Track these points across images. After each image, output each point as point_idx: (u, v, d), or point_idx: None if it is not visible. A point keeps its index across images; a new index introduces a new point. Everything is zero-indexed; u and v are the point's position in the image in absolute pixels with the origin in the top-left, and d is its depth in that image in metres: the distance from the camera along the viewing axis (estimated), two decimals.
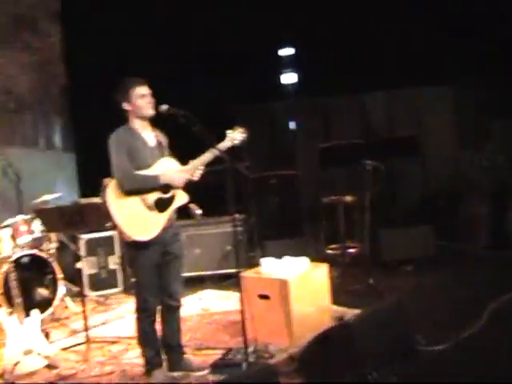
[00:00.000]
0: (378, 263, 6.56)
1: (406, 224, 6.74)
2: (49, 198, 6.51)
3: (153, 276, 4.22)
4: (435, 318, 4.95)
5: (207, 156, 4.19)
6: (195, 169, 4.23)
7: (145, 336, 4.33)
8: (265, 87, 8.55)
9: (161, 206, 4.16)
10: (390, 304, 4.33)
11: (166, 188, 4.16)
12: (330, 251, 6.80)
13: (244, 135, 4.36)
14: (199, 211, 7.09)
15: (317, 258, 5.83)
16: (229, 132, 4.33)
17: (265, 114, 8.32)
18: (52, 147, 9.81)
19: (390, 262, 6.56)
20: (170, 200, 4.21)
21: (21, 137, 9.44)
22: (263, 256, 5.69)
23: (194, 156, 4.23)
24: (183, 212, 6.66)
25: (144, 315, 4.29)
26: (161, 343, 4.42)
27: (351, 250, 6.70)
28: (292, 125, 8.53)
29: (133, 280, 4.60)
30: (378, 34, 7.36)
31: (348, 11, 7.66)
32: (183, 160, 4.30)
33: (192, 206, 7.13)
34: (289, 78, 9.10)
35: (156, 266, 4.22)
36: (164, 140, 4.36)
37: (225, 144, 4.27)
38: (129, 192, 4.05)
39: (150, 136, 4.27)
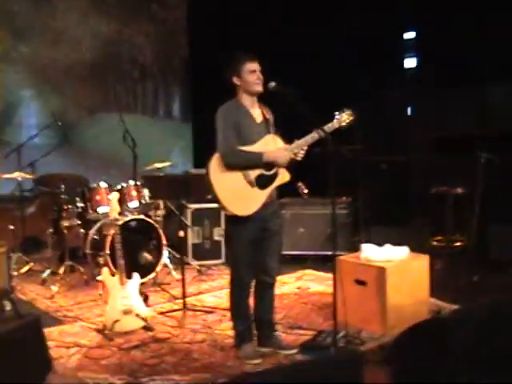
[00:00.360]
0: (486, 260, 6.29)
1: None
2: (160, 165, 6.71)
3: (249, 251, 4.25)
4: None
5: (312, 136, 4.15)
6: (299, 148, 4.20)
7: (237, 309, 4.39)
8: (386, 71, 8.37)
9: (262, 182, 4.16)
10: (491, 304, 4.15)
11: (269, 165, 4.17)
12: (435, 243, 6.60)
13: (352, 118, 4.28)
14: (306, 190, 7.11)
15: (421, 248, 5.67)
16: (336, 114, 4.26)
17: (382, 98, 8.12)
18: (171, 116, 10.12)
19: (498, 261, 6.26)
20: (272, 177, 4.21)
21: (142, 105, 9.82)
22: (367, 241, 5.59)
23: (299, 135, 4.20)
24: (291, 190, 6.74)
25: (238, 289, 4.34)
26: (253, 318, 4.47)
27: (457, 244, 6.47)
28: (409, 111, 8.30)
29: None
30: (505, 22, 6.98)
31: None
32: (288, 138, 4.29)
33: (300, 184, 7.15)
34: (410, 62, 8.84)
35: (253, 241, 4.24)
36: (270, 117, 4.36)
37: (331, 125, 4.21)
38: (231, 167, 4.08)
39: (257, 112, 4.28)
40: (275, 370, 3.49)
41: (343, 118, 4.26)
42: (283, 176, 4.26)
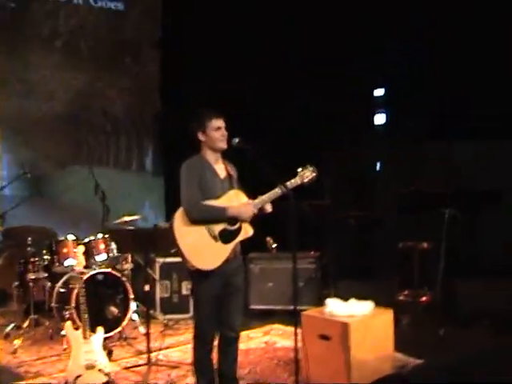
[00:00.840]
0: (453, 314, 6.35)
1: (485, 276, 6.51)
2: (129, 218, 6.74)
3: (212, 306, 4.27)
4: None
5: (275, 192, 4.23)
6: (263, 204, 4.28)
7: (200, 364, 4.38)
8: (357, 127, 8.58)
9: (226, 237, 4.21)
10: (450, 360, 4.21)
11: (233, 220, 4.23)
12: (402, 297, 6.66)
13: (314, 174, 4.37)
14: (274, 245, 7.19)
15: (388, 302, 5.73)
16: (299, 170, 4.36)
17: (352, 153, 8.31)
18: (143, 170, 10.19)
19: (466, 315, 6.32)
20: (236, 232, 4.26)
21: (114, 158, 9.88)
22: (336, 295, 5.64)
23: (262, 190, 4.28)
24: (260, 244, 6.80)
25: (200, 344, 4.34)
26: (216, 373, 4.46)
27: (424, 298, 6.53)
28: (378, 166, 8.48)
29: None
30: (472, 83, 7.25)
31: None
32: (253, 193, 4.36)
33: (268, 239, 7.24)
34: (380, 118, 9.07)
35: (217, 296, 4.27)
36: (234, 172, 4.44)
37: (293, 182, 4.30)
38: (195, 221, 4.14)
39: (221, 168, 4.36)
40: None
41: (306, 174, 4.35)
42: (246, 231, 4.30)
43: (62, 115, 9.32)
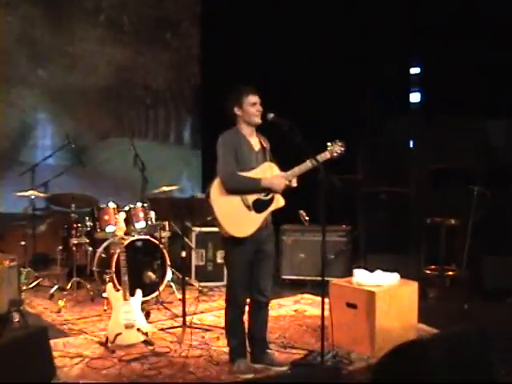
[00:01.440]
0: (478, 290, 6.53)
1: (511, 253, 6.64)
2: (168, 189, 7.01)
3: (245, 271, 4.54)
4: None
5: (305, 165, 4.45)
6: (294, 176, 4.51)
7: (231, 327, 4.66)
8: (391, 104, 8.69)
9: (259, 206, 4.46)
10: (470, 329, 4.37)
11: (266, 191, 4.47)
12: (428, 271, 6.84)
13: (343, 149, 4.57)
14: (307, 218, 7.39)
15: (415, 276, 5.92)
16: (329, 144, 4.56)
17: (385, 127, 8.45)
18: (181, 143, 10.46)
19: (491, 291, 6.49)
20: (269, 202, 4.50)
21: (153, 131, 10.17)
22: (365, 268, 5.84)
23: (294, 162, 4.50)
24: (293, 217, 7.01)
25: (232, 307, 4.62)
26: (247, 335, 4.73)
27: (450, 273, 6.71)
28: (410, 143, 8.61)
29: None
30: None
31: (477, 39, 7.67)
32: (284, 165, 4.59)
33: (301, 212, 7.43)
34: (415, 97, 9.16)
35: (248, 262, 4.53)
36: (267, 145, 4.66)
37: (323, 155, 4.52)
38: (231, 191, 4.39)
39: (255, 141, 4.60)
40: (263, 380, 3.76)
41: (335, 148, 4.55)
42: (278, 201, 4.55)
43: (105, 88, 9.66)
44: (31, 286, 7.02)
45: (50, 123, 9.30)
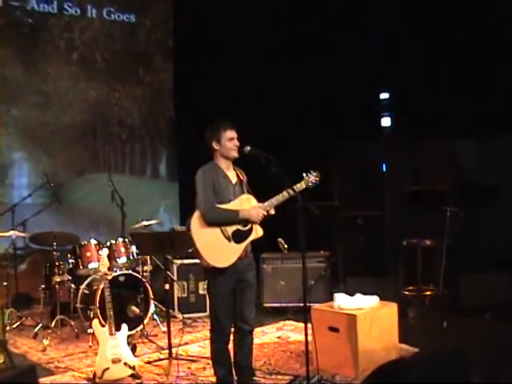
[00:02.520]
0: (456, 308, 6.70)
1: (486, 271, 6.84)
2: (147, 223, 7.14)
3: (228, 301, 4.67)
4: (497, 366, 5.04)
5: (283, 195, 4.64)
6: (271, 206, 4.69)
7: (218, 356, 4.78)
8: (363, 130, 8.92)
9: (238, 237, 4.62)
10: (449, 347, 4.52)
11: (245, 222, 4.63)
12: (407, 292, 7.02)
13: (318, 179, 4.77)
14: (286, 246, 7.54)
15: (395, 297, 6.09)
16: (304, 175, 4.75)
17: (357, 154, 8.67)
18: (157, 176, 10.59)
19: (468, 308, 6.66)
20: (247, 233, 4.67)
21: (130, 165, 10.29)
22: (345, 292, 5.99)
23: (271, 192, 4.68)
24: (272, 245, 7.15)
25: (218, 336, 4.74)
26: (233, 364, 4.85)
27: (428, 293, 6.89)
28: (383, 167, 8.84)
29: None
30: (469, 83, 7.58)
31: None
32: (261, 196, 4.76)
33: (280, 240, 7.57)
34: (385, 121, 9.40)
35: (231, 291, 4.67)
36: (244, 178, 4.84)
37: (299, 186, 4.71)
38: (211, 223, 4.54)
39: (232, 174, 4.77)
40: None
41: (310, 178, 4.75)
42: (257, 231, 4.71)
43: (80, 125, 9.76)
44: (14, 326, 7.04)
45: (26, 162, 9.38)
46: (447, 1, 7.90)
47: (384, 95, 9.39)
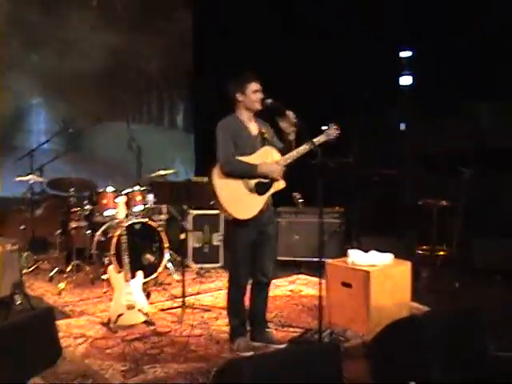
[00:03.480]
0: (469, 269, 6.71)
1: (500, 235, 6.81)
2: (164, 172, 7.14)
3: (248, 252, 4.69)
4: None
5: (304, 148, 4.60)
6: (291, 159, 4.65)
7: (233, 306, 4.81)
8: (383, 88, 8.81)
9: (260, 189, 4.60)
10: (463, 307, 4.53)
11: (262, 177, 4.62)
12: (420, 251, 7.01)
13: (338, 131, 4.72)
14: (301, 200, 7.54)
15: (408, 256, 6.08)
16: (324, 128, 4.71)
17: (378, 113, 8.60)
18: (174, 127, 10.57)
19: (481, 270, 6.66)
20: (269, 185, 4.65)
21: (147, 114, 10.27)
22: (358, 249, 5.98)
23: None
24: (287, 200, 7.14)
25: (235, 287, 4.76)
26: (247, 315, 4.89)
27: (441, 253, 6.88)
28: (402, 126, 8.76)
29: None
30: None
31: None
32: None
33: (295, 194, 7.57)
34: (406, 80, 9.27)
35: (251, 244, 4.68)
36: (268, 130, 4.78)
37: (320, 138, 4.67)
38: (229, 175, 4.52)
39: (254, 126, 4.73)
40: (263, 356, 3.90)
41: (330, 131, 4.70)
42: (278, 184, 4.69)
43: (98, 73, 9.72)
44: (30, 269, 7.13)
45: (44, 108, 9.39)
46: None
47: (405, 53, 9.27)
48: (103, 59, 9.75)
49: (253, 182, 4.57)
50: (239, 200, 4.54)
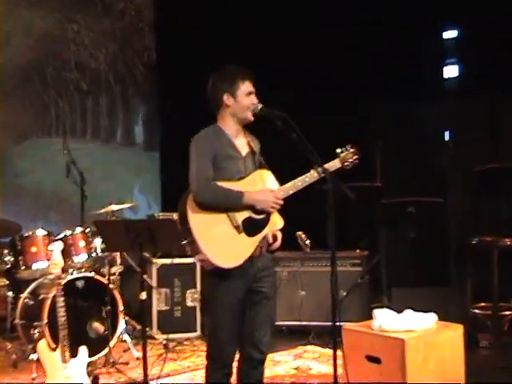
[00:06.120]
0: None
1: None
2: (117, 207, 7.17)
3: (234, 317, 4.63)
4: None
5: (311, 175, 4.61)
6: (295, 189, 4.65)
7: None
8: (418, 82, 8.90)
9: (251, 228, 4.56)
10: None
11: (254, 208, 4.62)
12: (477, 310, 7.02)
13: (356, 157, 4.74)
14: (308, 241, 7.55)
15: (460, 317, 6.09)
16: (339, 150, 4.73)
17: (409, 118, 8.64)
18: (131, 143, 10.60)
19: None
20: (264, 222, 4.63)
21: (93, 126, 10.29)
22: (388, 307, 6.00)
23: (290, 170, 4.68)
24: (289, 242, 7.16)
25: (216, 366, 4.70)
26: None
27: (507, 313, 6.89)
28: (446, 135, 8.82)
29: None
30: None
31: None
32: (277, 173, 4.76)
33: (300, 234, 7.60)
34: (450, 70, 9.37)
35: (238, 304, 4.64)
36: (257, 147, 4.81)
37: (333, 164, 4.70)
38: (204, 205, 4.48)
39: (243, 142, 4.73)
40: None
41: (347, 156, 4.73)
42: (274, 222, 4.68)
43: (22, 68, 9.72)
44: None
45: None
46: None
47: (449, 34, 9.37)
48: (28, 49, 9.76)
49: (241, 217, 4.55)
50: (223, 242, 4.49)
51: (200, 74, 4.85)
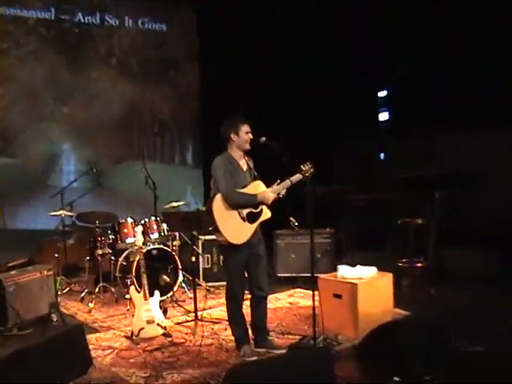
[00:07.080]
0: (443, 278, 6.71)
1: (469, 246, 6.83)
2: (176, 204, 7.21)
3: (241, 272, 4.76)
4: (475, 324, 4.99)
5: (285, 183, 4.75)
6: (281, 190, 4.76)
7: (233, 318, 4.86)
8: (363, 123, 8.91)
9: (251, 218, 4.70)
10: (438, 311, 4.57)
11: (257, 205, 4.69)
12: (401, 264, 7.02)
13: (312, 170, 4.71)
14: (296, 224, 7.54)
15: (390, 269, 6.09)
16: (302, 166, 4.73)
17: (360, 146, 8.69)
18: (184, 163, 10.65)
19: (452, 278, 6.66)
20: (259, 214, 4.75)
21: (161, 154, 10.36)
22: (347, 264, 5.99)
23: (275, 178, 4.78)
24: (284, 224, 7.16)
25: (233, 302, 4.82)
26: (250, 325, 4.92)
27: (418, 265, 6.89)
28: (381, 156, 8.86)
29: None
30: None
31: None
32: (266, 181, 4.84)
33: (291, 219, 7.58)
34: (383, 116, 9.39)
35: (244, 264, 4.74)
36: (251, 164, 4.89)
37: (296, 177, 4.78)
38: (233, 206, 4.59)
39: (243, 162, 4.83)
40: (264, 361, 3.93)
41: (306, 170, 4.71)
42: (266, 213, 4.81)
43: (118, 120, 9.84)
44: (64, 291, 7.18)
45: (73, 152, 9.48)
46: None
47: (382, 93, 9.38)
48: (122, 108, 9.87)
49: (245, 212, 4.64)
50: (235, 227, 4.61)
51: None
